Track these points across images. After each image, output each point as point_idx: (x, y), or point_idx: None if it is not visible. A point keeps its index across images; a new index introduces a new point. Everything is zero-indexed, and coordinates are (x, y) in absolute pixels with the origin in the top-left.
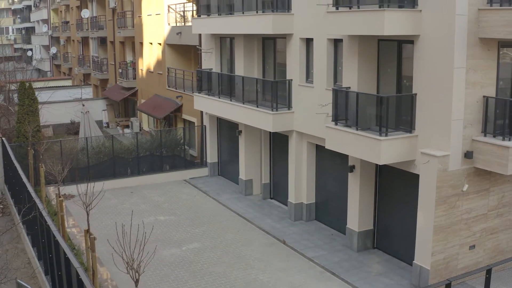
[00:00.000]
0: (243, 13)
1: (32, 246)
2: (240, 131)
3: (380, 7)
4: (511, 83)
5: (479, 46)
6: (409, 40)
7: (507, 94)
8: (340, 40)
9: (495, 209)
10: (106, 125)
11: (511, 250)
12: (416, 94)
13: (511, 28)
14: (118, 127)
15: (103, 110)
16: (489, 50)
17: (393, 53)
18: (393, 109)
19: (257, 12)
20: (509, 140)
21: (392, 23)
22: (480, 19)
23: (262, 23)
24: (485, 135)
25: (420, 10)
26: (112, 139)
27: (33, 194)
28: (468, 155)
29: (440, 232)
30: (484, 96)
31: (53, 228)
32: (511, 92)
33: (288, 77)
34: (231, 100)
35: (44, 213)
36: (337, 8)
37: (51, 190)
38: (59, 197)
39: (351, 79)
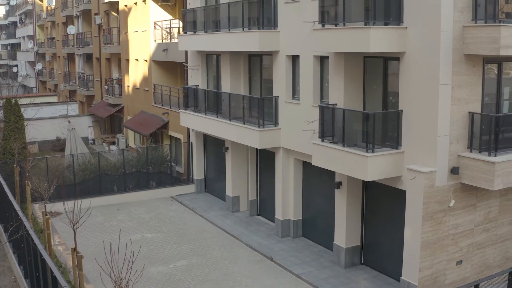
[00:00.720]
0: (229, 30)
1: (19, 264)
2: (227, 148)
3: (365, 24)
4: (496, 99)
5: (464, 63)
6: (395, 57)
7: (493, 110)
8: (326, 57)
9: (482, 224)
10: (92, 141)
11: (498, 265)
12: (402, 111)
13: (496, 45)
14: (104, 143)
15: (89, 126)
16: (474, 66)
17: (378, 69)
18: (379, 126)
19: (243, 29)
20: (495, 155)
21: (377, 40)
22: (465, 36)
23: (248, 40)
24: (471, 151)
25: (406, 27)
26: (98, 156)
27: (20, 213)
28: (454, 171)
29: (427, 248)
30: (469, 112)
31: (40, 247)
32: (496, 107)
33: (274, 94)
34: (217, 117)
35: (31, 232)
36: (323, 26)
37: (37, 207)
38: (46, 215)
39: (337, 96)
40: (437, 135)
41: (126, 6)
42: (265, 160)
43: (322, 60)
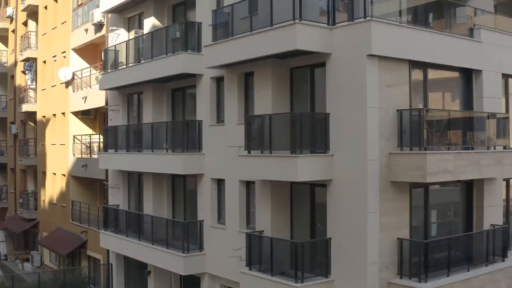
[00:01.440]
0: (152, 151)
1: None
2: (149, 271)
3: (292, 153)
4: (424, 223)
5: (391, 190)
6: (322, 184)
7: (421, 235)
8: (253, 182)
9: None
10: (4, 257)
11: None
12: (330, 238)
13: (422, 172)
14: (17, 260)
15: (1, 241)
16: (401, 193)
17: (306, 196)
18: (308, 254)
19: (167, 151)
20: (425, 282)
21: (305, 168)
22: (391, 163)
23: (172, 163)
24: (401, 277)
25: (332, 155)
26: (12, 279)
27: None
28: None
29: None
30: (398, 238)
31: None
32: (425, 231)
33: (199, 217)
34: (139, 240)
35: None
36: (249, 152)
37: None
38: None
39: (265, 222)
40: (367, 263)
41: (44, 117)
42: (189, 285)
43: (249, 184)
